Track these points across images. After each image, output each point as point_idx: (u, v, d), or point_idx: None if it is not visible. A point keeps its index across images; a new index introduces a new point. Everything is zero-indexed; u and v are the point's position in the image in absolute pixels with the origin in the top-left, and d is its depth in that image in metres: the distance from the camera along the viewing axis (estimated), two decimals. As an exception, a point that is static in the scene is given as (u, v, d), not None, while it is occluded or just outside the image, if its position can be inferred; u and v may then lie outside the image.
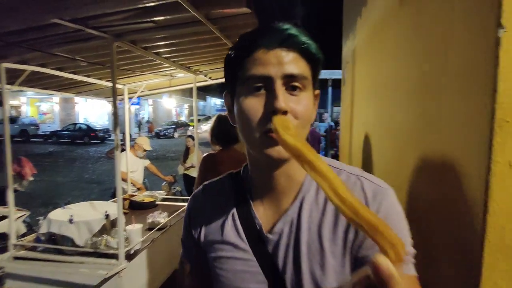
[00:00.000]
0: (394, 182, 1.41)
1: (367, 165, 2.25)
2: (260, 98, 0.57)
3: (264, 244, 0.64)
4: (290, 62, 0.56)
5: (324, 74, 8.65)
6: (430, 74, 1.05)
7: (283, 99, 0.55)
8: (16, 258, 2.35)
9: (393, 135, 1.60)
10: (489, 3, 0.72)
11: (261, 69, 0.56)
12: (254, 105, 0.57)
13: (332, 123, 8.81)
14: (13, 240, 2.39)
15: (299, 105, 0.57)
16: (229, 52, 0.63)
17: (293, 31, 0.58)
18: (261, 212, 0.66)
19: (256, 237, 0.65)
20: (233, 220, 0.68)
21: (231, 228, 0.67)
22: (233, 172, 0.76)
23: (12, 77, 2.54)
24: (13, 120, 19.23)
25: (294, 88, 0.57)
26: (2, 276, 2.53)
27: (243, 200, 0.69)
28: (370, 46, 2.28)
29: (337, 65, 4.95)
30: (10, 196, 2.49)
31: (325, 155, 8.92)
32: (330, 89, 8.29)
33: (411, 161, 1.26)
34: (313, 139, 6.45)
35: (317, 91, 0.66)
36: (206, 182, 0.79)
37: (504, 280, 0.75)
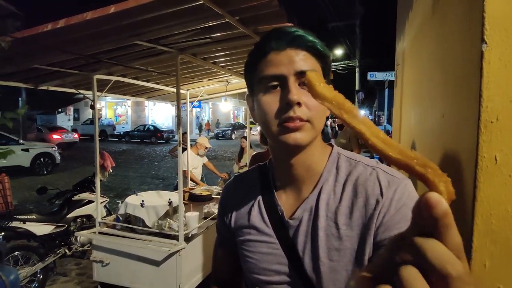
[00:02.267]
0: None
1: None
2: (275, 95, 0.62)
3: (286, 228, 0.68)
4: (300, 60, 0.61)
5: (381, 76, 8.40)
6: (441, 83, 1.16)
7: (296, 92, 0.59)
8: (100, 233, 2.89)
9: (424, 137, 1.68)
10: (474, 22, 0.85)
11: (274, 69, 0.61)
12: (270, 101, 0.62)
13: (389, 127, 8.43)
14: (99, 219, 2.93)
15: (311, 99, 0.59)
16: (247, 58, 0.69)
17: (300, 32, 0.62)
18: (283, 200, 0.71)
19: (278, 222, 0.69)
20: (259, 206, 0.73)
21: (257, 214, 0.72)
22: (260, 164, 0.82)
23: (101, 85, 3.11)
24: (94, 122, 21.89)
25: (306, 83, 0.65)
26: (90, 248, 3.11)
27: (267, 189, 0.74)
28: (413, 50, 2.33)
29: (393, 67, 4.87)
30: (98, 184, 3.06)
31: (381, 160, 8.58)
32: (386, 91, 7.97)
33: (435, 161, 1.36)
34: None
35: (330, 86, 0.70)
36: (237, 174, 0.91)
37: (492, 261, 0.86)
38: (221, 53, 2.77)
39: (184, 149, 4.51)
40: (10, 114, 2.36)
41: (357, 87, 18.06)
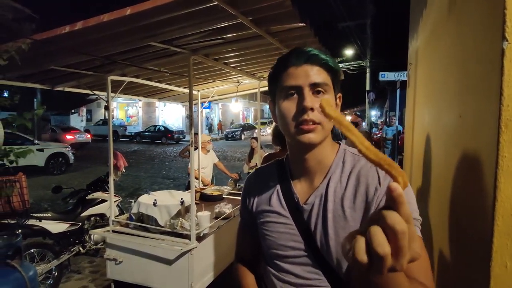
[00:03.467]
0: (444, 184, 1.48)
1: (426, 167, 2.26)
2: (293, 101, 0.77)
3: (301, 212, 0.82)
4: (314, 74, 0.76)
5: (392, 76, 8.29)
6: (458, 82, 1.15)
7: (310, 100, 0.74)
8: (114, 231, 2.93)
9: (440, 137, 1.65)
10: (495, 19, 0.84)
11: (293, 81, 0.76)
12: (289, 106, 0.77)
13: (401, 127, 8.29)
14: (112, 217, 2.98)
15: None
16: (271, 71, 0.85)
17: (315, 51, 0.77)
18: (299, 188, 0.85)
19: (294, 207, 0.83)
20: (278, 194, 0.87)
21: (276, 200, 0.87)
22: (279, 159, 0.96)
23: (114, 86, 3.16)
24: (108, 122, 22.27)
25: (319, 92, 0.77)
26: (103, 246, 3.16)
27: (285, 179, 0.88)
28: (427, 49, 2.30)
29: (405, 67, 4.81)
30: (111, 183, 3.11)
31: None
32: (398, 91, 7.87)
33: (451, 162, 1.34)
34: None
35: (339, 94, 0.83)
36: (258, 167, 1.03)
37: (513, 262, 0.84)
38: (233, 54, 2.79)
39: (196, 149, 4.53)
40: (29, 114, 2.42)
41: (368, 87, 17.88)
